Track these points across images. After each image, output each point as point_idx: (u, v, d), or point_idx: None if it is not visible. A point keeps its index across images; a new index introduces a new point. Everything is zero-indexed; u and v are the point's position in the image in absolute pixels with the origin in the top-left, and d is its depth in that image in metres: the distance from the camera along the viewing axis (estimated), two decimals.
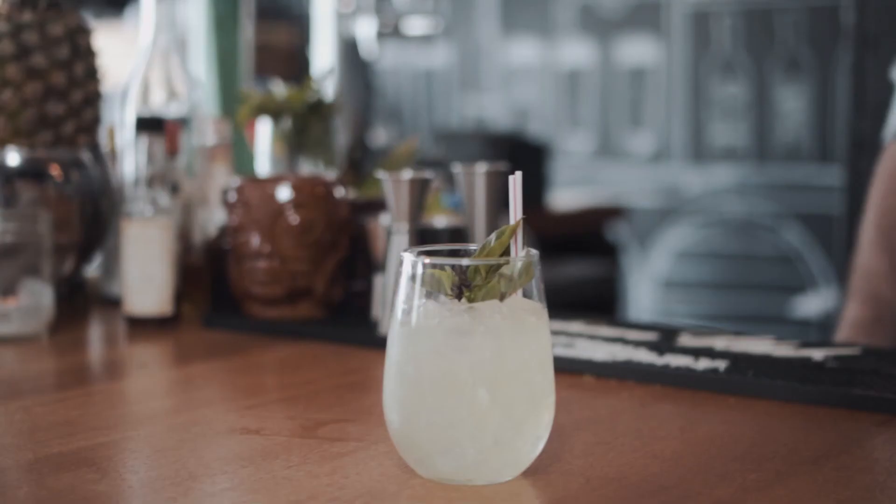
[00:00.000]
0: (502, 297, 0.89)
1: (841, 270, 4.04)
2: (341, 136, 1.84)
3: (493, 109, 5.04)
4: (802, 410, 1.12)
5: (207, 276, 1.61)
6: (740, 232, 4.57)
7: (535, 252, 0.91)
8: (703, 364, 1.23)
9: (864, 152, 3.47)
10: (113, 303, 1.66)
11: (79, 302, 1.66)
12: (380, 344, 1.41)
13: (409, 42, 4.94)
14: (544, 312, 0.92)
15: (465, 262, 0.89)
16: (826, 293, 4.35)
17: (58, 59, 1.55)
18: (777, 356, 1.28)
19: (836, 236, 4.32)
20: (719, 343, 1.34)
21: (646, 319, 4.58)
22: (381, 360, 1.37)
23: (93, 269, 1.74)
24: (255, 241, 1.47)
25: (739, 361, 1.25)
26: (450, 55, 5.08)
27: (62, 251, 1.55)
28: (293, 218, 1.47)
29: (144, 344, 1.46)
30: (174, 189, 1.56)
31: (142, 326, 1.50)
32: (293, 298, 1.49)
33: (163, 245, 1.50)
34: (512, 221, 0.91)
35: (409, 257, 0.90)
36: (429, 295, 0.90)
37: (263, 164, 1.78)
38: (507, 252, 0.91)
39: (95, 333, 1.57)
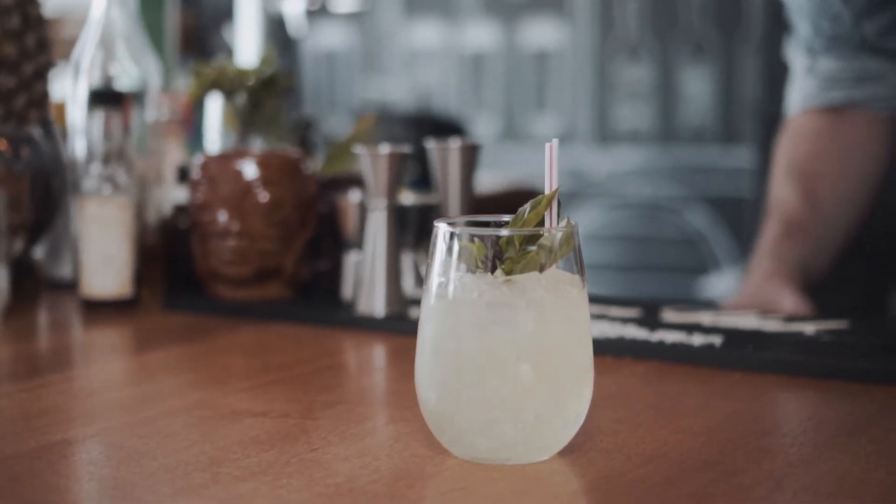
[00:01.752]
0: (542, 269, 0.86)
1: (747, 252, 4.08)
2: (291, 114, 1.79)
3: (397, 92, 5.00)
4: (809, 384, 1.11)
5: (163, 257, 1.55)
6: (646, 215, 4.60)
7: (574, 222, 0.88)
8: (698, 340, 1.21)
9: (774, 132, 3.51)
10: (62, 286, 1.59)
11: (28, 285, 1.58)
12: (356, 324, 1.37)
13: (315, 22, 4.87)
14: (584, 285, 0.88)
15: (503, 232, 0.85)
16: (731, 274, 4.40)
17: (8, 29, 1.48)
18: (769, 331, 1.27)
19: (742, 217, 4.36)
20: (705, 318, 1.32)
21: None
22: (359, 340, 1.35)
23: (39, 251, 1.66)
24: (222, 218, 1.42)
25: (733, 336, 1.23)
26: (352, 37, 5.02)
27: (12, 231, 1.47)
28: (262, 195, 1.42)
29: (105, 328, 1.40)
30: (129, 166, 1.50)
31: (99, 310, 1.44)
32: (261, 278, 1.44)
33: (122, 225, 1.44)
34: (547, 191, 0.88)
35: (444, 228, 0.87)
36: (465, 268, 0.86)
37: (214, 141, 1.72)
38: (541, 223, 0.88)
39: (52, 317, 1.50)
